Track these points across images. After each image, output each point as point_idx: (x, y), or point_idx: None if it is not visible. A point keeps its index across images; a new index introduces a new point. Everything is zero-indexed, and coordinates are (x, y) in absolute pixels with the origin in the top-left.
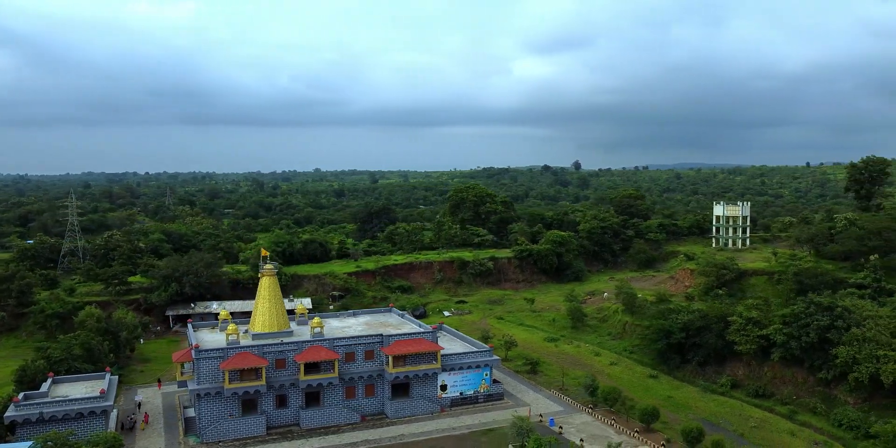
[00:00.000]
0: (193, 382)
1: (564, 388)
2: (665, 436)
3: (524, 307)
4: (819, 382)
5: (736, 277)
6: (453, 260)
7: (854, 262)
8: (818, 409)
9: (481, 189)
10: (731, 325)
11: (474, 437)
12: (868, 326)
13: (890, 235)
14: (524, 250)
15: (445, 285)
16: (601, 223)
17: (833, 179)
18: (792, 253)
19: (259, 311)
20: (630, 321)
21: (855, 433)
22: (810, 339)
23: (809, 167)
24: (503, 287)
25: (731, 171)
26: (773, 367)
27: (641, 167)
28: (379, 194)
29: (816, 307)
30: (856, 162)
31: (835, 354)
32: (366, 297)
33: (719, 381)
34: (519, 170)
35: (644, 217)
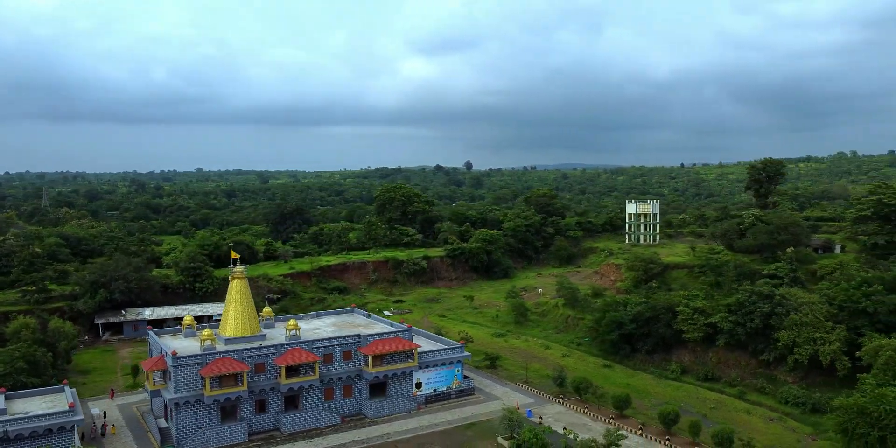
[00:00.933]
0: (169, 391)
1: (528, 380)
2: (639, 421)
3: (463, 304)
4: (761, 364)
5: (661, 271)
6: (387, 260)
7: (765, 255)
8: (767, 389)
9: (408, 189)
10: (679, 315)
11: (458, 431)
12: (804, 312)
13: (797, 230)
14: (456, 249)
15: (381, 285)
16: (524, 221)
17: (705, 179)
18: (710, 247)
19: (231, 316)
20: (573, 315)
21: (802, 409)
22: (755, 325)
23: (684, 167)
24: (437, 285)
25: (614, 171)
26: (718, 352)
27: (529, 167)
28: (273, 195)
29: (757, 296)
30: (754, 163)
31: (776, 338)
32: (303, 298)
33: (669, 367)
34: (411, 170)
35: (560, 215)
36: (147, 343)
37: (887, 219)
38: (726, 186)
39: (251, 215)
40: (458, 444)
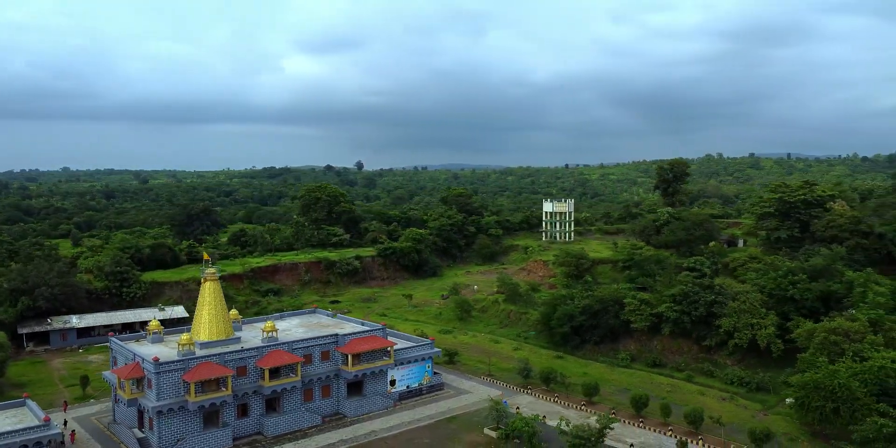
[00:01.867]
0: (151, 399)
1: (491, 373)
2: (608, 406)
3: (401, 303)
4: (703, 350)
5: (589, 266)
6: (319, 260)
7: (682, 250)
8: (714, 373)
9: (333, 189)
10: (627, 306)
11: (441, 425)
12: (741, 300)
13: (710, 226)
14: (388, 248)
15: (314, 286)
16: (448, 221)
17: (590, 179)
18: (632, 243)
19: (204, 319)
20: (515, 310)
21: (747, 388)
22: (699, 313)
23: (568, 168)
24: (370, 285)
25: (503, 171)
26: (663, 340)
27: (420, 167)
28: (157, 196)
29: (699, 286)
30: (661, 163)
31: (718, 325)
32: (237, 301)
33: (618, 355)
34: (301, 170)
35: (479, 214)
36: (108, 351)
37: (787, 215)
38: (609, 186)
39: (141, 217)
40: (444, 437)
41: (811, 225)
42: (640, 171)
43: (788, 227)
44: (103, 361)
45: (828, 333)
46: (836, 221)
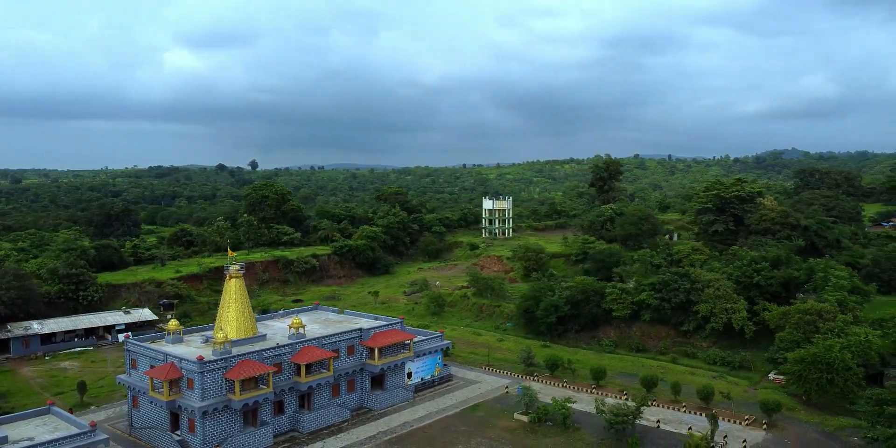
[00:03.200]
0: (194, 399)
1: (490, 363)
2: (617, 389)
3: (366, 300)
4: (680, 334)
5: (545, 261)
6: (277, 259)
7: (630, 243)
8: (696, 354)
9: (280, 187)
10: (608, 296)
11: (467, 414)
12: (715, 287)
13: (654, 221)
14: (344, 246)
15: (272, 285)
16: (395, 218)
17: (488, 179)
18: (583, 238)
19: (231, 317)
20: (488, 303)
21: (729, 367)
22: (679, 300)
23: (466, 168)
24: (328, 283)
25: (401, 171)
26: (642, 326)
27: (317, 167)
28: (35, 196)
29: (677, 276)
30: (597, 162)
31: (696, 310)
32: (199, 303)
33: (601, 342)
34: (191, 169)
35: (417, 212)
36: (78, 357)
37: (723, 210)
38: (507, 185)
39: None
40: (478, 424)
41: (745, 219)
42: (535, 171)
43: (724, 221)
44: (80, 368)
45: (802, 314)
46: (768, 215)
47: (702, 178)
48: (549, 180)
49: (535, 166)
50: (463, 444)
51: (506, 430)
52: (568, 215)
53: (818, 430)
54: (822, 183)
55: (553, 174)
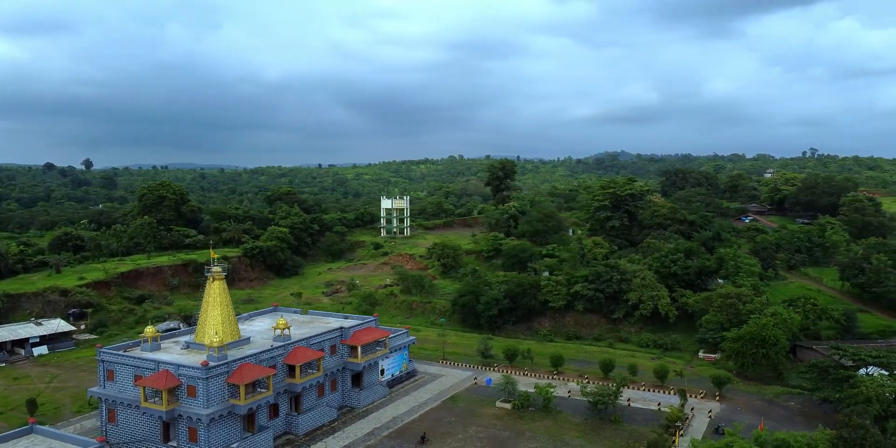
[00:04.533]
0: (196, 407)
1: (445, 357)
2: (575, 373)
3: (286, 302)
4: (610, 322)
5: (460, 258)
6: (186, 262)
7: (538, 239)
8: (629, 339)
9: (179, 187)
10: (544, 288)
11: (449, 405)
12: (641, 277)
13: (558, 218)
14: (254, 248)
15: (184, 290)
16: (298, 219)
17: (347, 178)
18: (493, 235)
19: (214, 320)
20: (418, 300)
21: (661, 349)
22: (611, 290)
23: (322, 168)
24: (240, 287)
25: (254, 171)
26: (575, 316)
27: (160, 167)
28: None
29: (608, 268)
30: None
31: (627, 299)
32: (111, 311)
33: (539, 333)
34: (13, 168)
35: (313, 212)
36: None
37: (617, 207)
38: (366, 186)
39: None
40: (465, 414)
41: (637, 215)
42: (391, 171)
43: (619, 217)
44: (4, 386)
45: (724, 298)
46: (660, 211)
47: (551, 178)
48: (407, 180)
49: (392, 166)
50: (461, 432)
51: (493, 417)
52: (454, 214)
53: (760, 398)
54: (686, 182)
55: (410, 174)
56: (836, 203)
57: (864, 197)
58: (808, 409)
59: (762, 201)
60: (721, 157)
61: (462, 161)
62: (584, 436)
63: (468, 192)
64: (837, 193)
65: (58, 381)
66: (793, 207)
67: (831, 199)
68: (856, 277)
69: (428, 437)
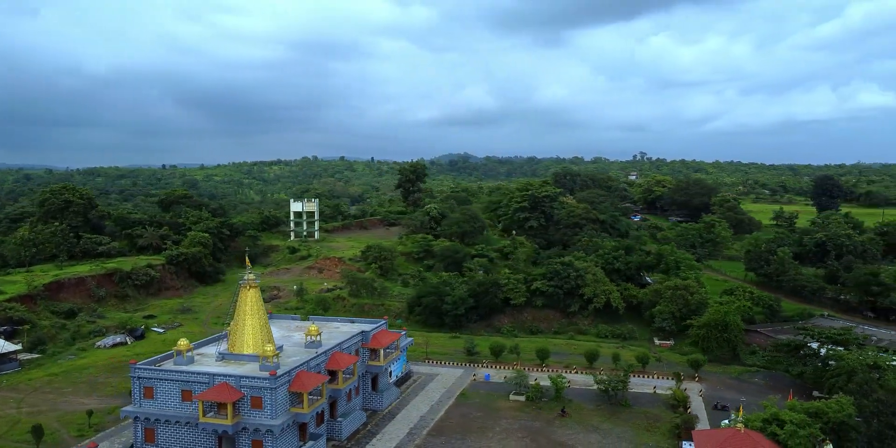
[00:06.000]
0: (263, 418)
1: (429, 357)
2: (561, 364)
3: (224, 310)
4: (565, 316)
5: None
6: (111, 272)
7: (465, 239)
8: (587, 331)
9: (86, 191)
10: (506, 286)
11: (463, 402)
12: (593, 273)
13: (481, 219)
14: (179, 254)
15: (110, 301)
16: (211, 222)
17: (196, 180)
18: (422, 236)
19: (247, 330)
20: (370, 302)
21: (620, 338)
22: (569, 286)
23: (167, 168)
24: (167, 296)
25: (88, 172)
26: (533, 312)
27: None
28: None
29: (563, 265)
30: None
31: (583, 294)
32: (42, 327)
33: (502, 329)
34: None
35: (219, 215)
36: None
37: (535, 208)
38: (220, 187)
39: None
40: (485, 408)
41: (553, 215)
42: (243, 172)
43: (536, 218)
44: None
45: (674, 290)
46: (575, 212)
47: None
48: (261, 182)
49: (243, 167)
50: (496, 425)
51: (514, 409)
52: (352, 216)
53: (728, 376)
54: (575, 183)
55: (263, 176)
56: (708, 203)
57: (730, 197)
58: (773, 383)
59: (636, 201)
60: (563, 160)
61: (318, 162)
62: (607, 420)
63: (334, 193)
64: (708, 194)
65: (27, 406)
66: (668, 207)
67: (703, 199)
68: (762, 268)
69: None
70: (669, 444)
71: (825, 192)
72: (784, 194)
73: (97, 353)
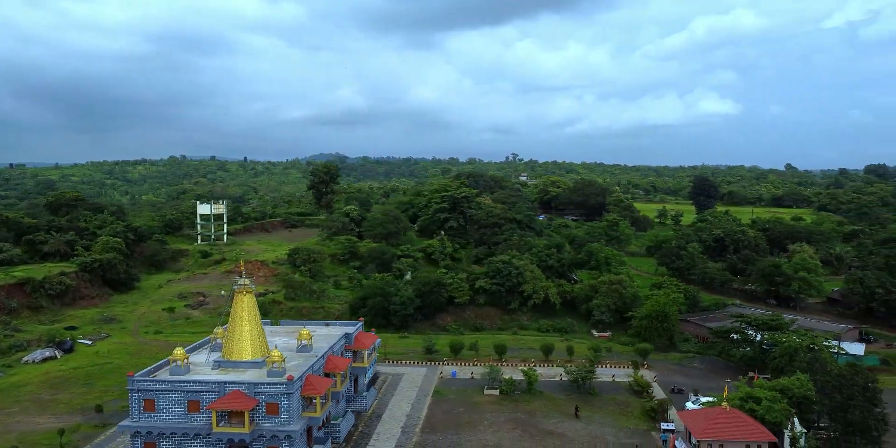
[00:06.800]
0: (282, 424)
1: (387, 357)
2: (518, 358)
3: (161, 318)
4: (506, 312)
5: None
6: (23, 281)
7: (390, 240)
8: (529, 326)
9: None
10: (451, 286)
11: (440, 399)
12: (530, 270)
13: (402, 220)
14: (93, 261)
15: (23, 313)
16: (118, 226)
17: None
18: (346, 238)
19: (248, 336)
20: (309, 305)
21: (562, 331)
22: (511, 283)
23: (14, 168)
24: (83, 305)
25: None
26: (475, 309)
27: None
28: None
29: (504, 264)
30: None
31: (523, 291)
32: None
33: (447, 326)
34: None
35: (122, 219)
36: None
37: (454, 209)
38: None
39: None
40: (465, 404)
41: (472, 216)
42: (104, 172)
43: (456, 218)
44: None
45: (609, 285)
46: (494, 212)
47: (287, 180)
48: (125, 183)
49: (104, 167)
50: (484, 418)
51: (492, 403)
52: (251, 218)
53: (670, 362)
54: (479, 185)
55: (126, 176)
56: (604, 203)
57: (624, 197)
58: (710, 367)
59: (532, 202)
60: (441, 161)
61: (187, 162)
62: (582, 408)
63: (213, 193)
64: (602, 194)
65: None
66: (564, 207)
67: (599, 199)
68: (673, 263)
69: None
70: (648, 425)
71: (703, 192)
72: (657, 194)
73: (27, 368)
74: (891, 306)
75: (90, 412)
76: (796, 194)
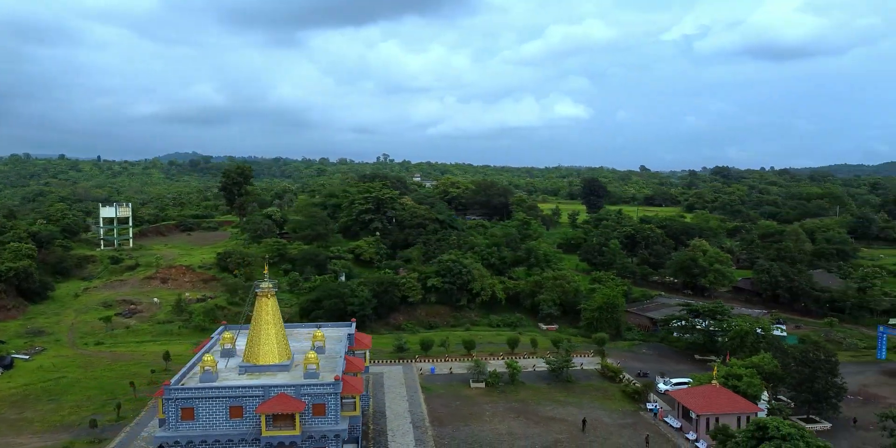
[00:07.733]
0: (329, 424)
1: None
2: (486, 352)
3: (96, 329)
4: (455, 309)
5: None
6: None
7: (320, 242)
8: (479, 322)
9: None
10: (405, 285)
11: (431, 395)
12: (477, 267)
13: (329, 221)
14: (9, 270)
15: None
16: (19, 231)
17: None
18: (275, 240)
19: (265, 340)
20: None
21: (513, 325)
22: (461, 281)
23: None
24: (2, 318)
25: None
26: (426, 308)
27: None
28: None
29: (453, 262)
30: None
31: (471, 288)
32: None
33: (401, 325)
34: None
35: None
36: None
37: (378, 209)
38: None
39: None
40: (456, 398)
41: (396, 216)
42: None
43: (380, 219)
44: None
45: (554, 280)
46: (418, 212)
47: (149, 180)
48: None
49: None
50: (485, 410)
51: (483, 395)
52: (146, 221)
53: (621, 350)
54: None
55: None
56: (507, 203)
57: (526, 197)
58: (661, 353)
59: None
60: (313, 161)
61: (32, 161)
62: (568, 395)
63: (76, 195)
64: (505, 195)
65: None
66: (468, 207)
67: (502, 200)
68: (595, 258)
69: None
70: (632, 406)
71: (593, 193)
72: (538, 194)
73: None
74: (794, 292)
75: (75, 429)
76: (664, 194)
